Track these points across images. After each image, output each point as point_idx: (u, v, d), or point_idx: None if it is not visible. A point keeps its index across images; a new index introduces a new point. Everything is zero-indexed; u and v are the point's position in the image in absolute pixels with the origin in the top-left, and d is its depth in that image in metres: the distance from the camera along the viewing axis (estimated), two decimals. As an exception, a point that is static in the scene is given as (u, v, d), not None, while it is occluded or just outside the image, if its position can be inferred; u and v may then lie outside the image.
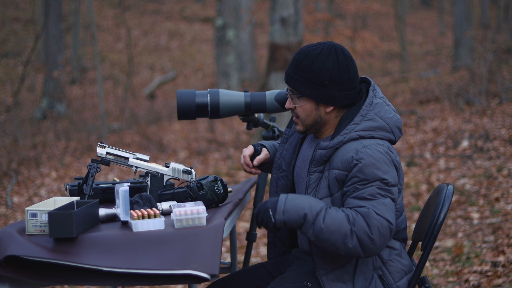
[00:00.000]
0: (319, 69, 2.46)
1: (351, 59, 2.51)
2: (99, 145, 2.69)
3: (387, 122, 2.49)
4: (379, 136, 2.46)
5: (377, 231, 2.32)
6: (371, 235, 2.32)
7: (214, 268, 2.23)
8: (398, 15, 19.00)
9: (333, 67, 2.46)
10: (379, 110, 2.49)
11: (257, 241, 5.79)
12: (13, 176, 8.88)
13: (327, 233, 2.32)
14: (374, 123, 2.47)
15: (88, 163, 2.69)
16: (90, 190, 2.65)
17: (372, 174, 2.37)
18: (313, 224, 2.33)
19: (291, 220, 2.35)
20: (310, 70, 2.47)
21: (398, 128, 2.52)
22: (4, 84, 16.59)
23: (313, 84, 2.47)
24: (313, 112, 2.51)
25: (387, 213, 2.35)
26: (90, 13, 12.97)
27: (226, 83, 12.09)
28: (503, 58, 11.86)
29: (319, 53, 2.48)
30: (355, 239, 2.32)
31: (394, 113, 2.54)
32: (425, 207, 2.75)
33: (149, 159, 2.73)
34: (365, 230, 2.32)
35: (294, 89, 2.51)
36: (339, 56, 2.48)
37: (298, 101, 2.52)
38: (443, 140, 8.28)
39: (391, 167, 2.40)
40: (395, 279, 2.46)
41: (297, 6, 8.79)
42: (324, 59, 2.46)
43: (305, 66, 2.48)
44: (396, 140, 2.53)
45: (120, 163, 2.71)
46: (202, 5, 25.79)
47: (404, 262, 2.50)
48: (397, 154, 2.50)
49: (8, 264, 2.29)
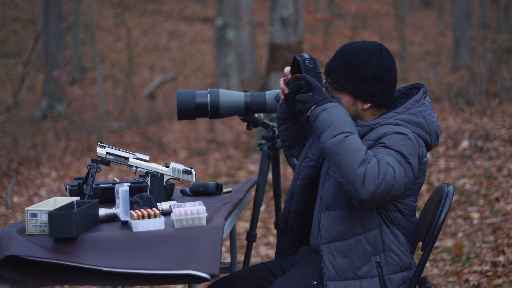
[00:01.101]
0: (363, 65, 2.49)
1: (394, 61, 2.55)
2: (99, 145, 2.69)
3: (428, 123, 2.50)
4: (417, 133, 2.47)
5: (383, 175, 2.31)
6: (378, 177, 2.30)
7: (214, 268, 2.23)
8: (398, 15, 19.00)
9: (376, 64, 2.49)
10: (424, 109, 2.51)
11: (257, 241, 5.79)
12: (13, 176, 8.88)
13: (342, 149, 2.30)
14: (416, 118, 2.49)
15: (88, 163, 2.69)
16: (90, 190, 2.65)
17: (397, 144, 2.39)
18: (335, 135, 2.33)
19: (321, 119, 2.37)
20: (354, 65, 2.50)
21: (437, 134, 2.53)
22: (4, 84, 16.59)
23: (355, 78, 2.50)
24: (350, 107, 2.53)
25: (398, 172, 2.34)
26: (90, 13, 12.97)
27: (226, 83, 12.09)
28: (503, 58, 11.86)
29: (365, 49, 2.51)
30: (363, 169, 2.29)
31: (436, 120, 2.55)
32: (425, 207, 2.75)
33: (149, 159, 2.73)
34: (374, 168, 2.30)
35: (334, 81, 2.53)
36: (383, 55, 2.51)
37: (336, 95, 2.53)
38: (443, 140, 8.28)
39: (415, 156, 2.41)
40: (389, 271, 2.46)
41: (297, 6, 8.79)
42: (369, 56, 2.50)
43: (349, 60, 2.51)
44: (432, 146, 2.53)
45: (120, 163, 2.71)
46: (202, 5, 25.79)
47: (405, 259, 2.50)
48: (427, 160, 2.51)
49: (8, 264, 2.29)
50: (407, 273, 2.51)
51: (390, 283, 2.46)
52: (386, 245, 2.47)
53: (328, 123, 2.36)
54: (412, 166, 2.40)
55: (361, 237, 2.45)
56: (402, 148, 2.39)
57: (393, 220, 2.49)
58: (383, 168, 2.32)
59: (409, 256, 2.53)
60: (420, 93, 2.54)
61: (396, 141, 2.40)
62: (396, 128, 2.43)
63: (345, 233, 2.45)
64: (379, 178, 2.30)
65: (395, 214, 2.49)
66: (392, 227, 2.49)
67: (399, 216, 2.50)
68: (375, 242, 2.46)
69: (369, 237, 2.46)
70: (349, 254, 2.44)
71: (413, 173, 2.41)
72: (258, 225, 5.84)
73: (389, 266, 2.47)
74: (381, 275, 2.45)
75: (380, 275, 2.45)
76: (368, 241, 2.45)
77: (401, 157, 2.38)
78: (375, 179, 2.30)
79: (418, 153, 2.43)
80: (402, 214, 2.50)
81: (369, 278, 2.44)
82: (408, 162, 2.39)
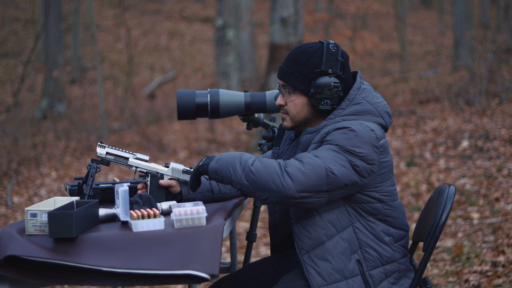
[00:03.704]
0: (315, 65, 2.50)
1: (347, 59, 2.55)
2: (99, 145, 2.68)
3: (375, 106, 2.51)
4: (367, 120, 2.47)
5: (311, 168, 2.33)
6: (303, 169, 2.33)
7: (214, 268, 2.23)
8: (398, 15, 18.99)
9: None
10: (366, 95, 2.52)
11: (257, 241, 5.79)
12: (13, 176, 8.88)
13: (256, 173, 2.34)
14: (361, 107, 2.50)
15: (88, 163, 2.69)
16: (90, 190, 2.65)
17: (337, 139, 2.40)
18: (243, 166, 2.37)
19: (222, 166, 2.40)
20: (305, 65, 2.51)
21: (387, 113, 2.53)
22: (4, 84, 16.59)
23: (308, 79, 2.51)
24: (304, 108, 2.55)
25: (330, 163, 2.36)
26: (90, 13, 12.97)
27: (226, 83, 12.08)
28: (503, 58, 11.86)
29: (317, 50, 2.52)
30: (286, 176, 2.32)
31: (382, 99, 2.56)
32: (426, 207, 2.74)
33: (149, 159, 2.73)
34: (297, 167, 2.34)
35: (287, 83, 2.55)
36: (336, 54, 2.52)
37: (289, 97, 2.56)
38: (443, 140, 8.28)
39: (368, 143, 2.40)
40: (368, 267, 2.45)
41: (297, 6, 8.79)
42: (321, 56, 2.50)
43: (301, 61, 2.52)
44: (387, 125, 2.53)
45: (120, 163, 2.71)
46: (202, 5, 25.79)
47: (384, 253, 2.47)
48: (386, 140, 2.50)
49: (8, 264, 2.29)
50: (389, 266, 2.48)
51: (371, 278, 2.45)
52: (362, 241, 2.46)
53: (228, 167, 2.39)
54: (358, 155, 2.38)
55: (336, 238, 2.44)
56: (343, 142, 2.39)
57: (372, 211, 2.46)
58: (307, 161, 2.34)
59: (392, 249, 2.49)
60: (358, 80, 2.55)
61: (336, 137, 2.40)
62: (337, 124, 2.44)
63: (320, 238, 2.45)
64: (305, 169, 2.32)
65: (372, 205, 2.46)
66: (372, 219, 2.46)
67: (378, 205, 2.47)
68: (351, 240, 2.45)
69: (345, 236, 2.45)
70: (329, 257, 2.44)
71: (365, 161, 2.39)
72: (258, 225, 5.84)
73: (368, 262, 2.46)
74: (362, 272, 2.45)
75: (361, 272, 2.45)
76: (344, 240, 2.44)
77: (342, 150, 2.38)
78: (302, 169, 2.32)
79: (369, 140, 2.40)
80: (381, 202, 2.47)
81: (354, 277, 2.44)
82: (351, 153, 2.38)
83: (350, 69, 2.58)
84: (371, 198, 2.45)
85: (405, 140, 8.91)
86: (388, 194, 2.48)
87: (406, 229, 2.56)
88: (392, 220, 2.50)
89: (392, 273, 2.48)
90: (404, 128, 9.73)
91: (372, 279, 2.45)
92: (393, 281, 2.49)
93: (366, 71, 17.62)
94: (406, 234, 2.56)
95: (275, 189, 2.33)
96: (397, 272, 2.50)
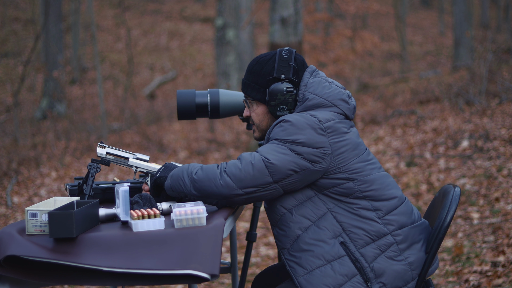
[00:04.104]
0: (268, 73, 2.58)
1: (302, 63, 2.61)
2: (99, 145, 2.68)
3: (325, 97, 2.53)
4: (317, 112, 2.50)
5: (248, 162, 2.41)
6: (240, 165, 2.42)
7: (214, 268, 2.23)
8: (398, 15, 19.00)
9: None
10: (315, 88, 2.56)
11: (257, 241, 5.79)
12: (13, 176, 8.88)
13: (199, 181, 2.44)
14: (309, 102, 2.54)
15: (88, 163, 2.69)
16: (90, 190, 2.65)
17: (274, 135, 2.47)
18: (190, 178, 2.46)
19: (174, 182, 2.50)
20: (259, 74, 2.59)
21: (342, 100, 2.55)
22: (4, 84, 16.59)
23: (263, 88, 2.59)
24: (265, 116, 2.63)
25: (267, 153, 2.42)
26: (90, 13, 12.97)
27: (226, 83, 12.08)
28: (503, 58, 11.85)
29: (270, 58, 2.60)
30: (225, 175, 2.42)
31: (336, 87, 2.58)
32: (430, 208, 2.72)
33: (149, 159, 2.74)
34: (235, 164, 2.43)
35: (247, 94, 2.65)
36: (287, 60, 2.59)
37: (252, 107, 2.65)
38: (443, 140, 8.28)
39: (307, 128, 2.43)
40: (356, 246, 2.45)
41: (297, 6, 8.79)
42: (273, 64, 2.58)
43: (255, 71, 2.61)
44: (346, 112, 2.55)
45: (120, 163, 2.71)
46: (202, 5, 25.79)
47: (371, 229, 2.46)
48: (333, 124, 2.49)
49: (8, 264, 2.29)
50: (382, 241, 2.46)
51: (363, 257, 2.45)
52: (345, 223, 2.46)
53: (179, 182, 2.49)
54: (298, 142, 2.42)
55: (312, 228, 2.47)
56: (279, 134, 2.45)
57: (347, 191, 2.47)
58: (245, 157, 2.42)
59: (381, 222, 2.47)
60: (306, 75, 2.59)
61: (274, 132, 2.48)
62: (276, 121, 2.51)
63: (294, 232, 2.48)
64: (242, 165, 2.40)
65: (344, 185, 2.46)
66: (349, 199, 2.46)
67: (350, 184, 2.47)
68: (330, 226, 2.46)
69: (322, 224, 2.46)
70: (307, 247, 2.46)
71: (308, 146, 2.42)
72: (258, 225, 5.84)
73: (356, 241, 2.45)
74: (350, 252, 2.44)
75: (348, 252, 2.44)
76: (321, 227, 2.46)
77: (280, 142, 2.44)
78: (239, 166, 2.41)
79: (308, 125, 2.43)
80: (351, 180, 2.47)
81: (339, 259, 2.44)
82: (290, 142, 2.43)
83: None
84: (339, 179, 2.46)
85: (405, 140, 8.92)
86: (357, 170, 2.48)
87: (394, 198, 2.52)
88: (373, 193, 2.48)
89: (388, 246, 2.46)
90: (404, 128, 9.73)
91: (364, 257, 2.44)
92: (393, 255, 2.46)
93: (366, 71, 17.63)
94: (397, 204, 2.52)
95: (217, 192, 2.43)
96: (395, 245, 2.47)
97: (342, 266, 2.43)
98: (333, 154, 2.45)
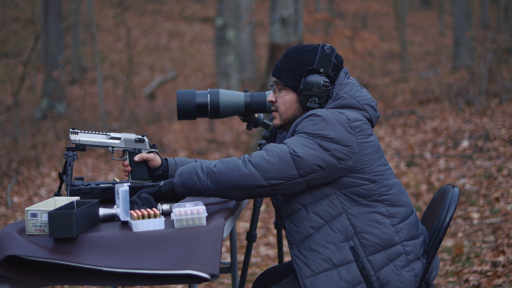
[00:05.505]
0: (308, 63, 2.56)
1: (341, 62, 2.61)
2: (71, 132, 2.69)
3: (357, 100, 2.54)
4: (347, 112, 2.49)
5: (275, 154, 2.38)
6: (267, 156, 2.38)
7: (214, 268, 2.23)
8: (398, 15, 19.00)
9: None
10: (349, 88, 2.56)
11: (257, 241, 5.79)
12: (13, 176, 8.88)
13: (220, 173, 2.40)
14: (343, 101, 2.53)
15: (64, 153, 2.68)
16: (71, 180, 2.65)
17: (303, 128, 2.44)
18: (206, 172, 2.42)
19: (185, 179, 2.45)
20: (298, 63, 2.57)
21: (371, 106, 2.56)
22: (4, 84, 16.60)
23: (299, 76, 2.56)
24: (293, 104, 2.60)
25: (295, 146, 2.40)
26: (90, 13, 12.97)
27: (226, 83, 12.08)
28: (503, 58, 11.86)
29: (311, 50, 2.59)
30: (250, 165, 2.38)
31: (367, 93, 2.59)
32: (429, 208, 2.72)
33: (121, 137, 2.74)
34: (261, 155, 2.39)
35: (279, 79, 2.60)
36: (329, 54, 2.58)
37: (280, 93, 2.62)
38: (443, 140, 8.28)
39: (337, 125, 2.42)
40: (366, 253, 2.43)
41: (297, 6, 8.79)
42: (315, 55, 2.56)
43: (294, 58, 2.58)
44: (372, 118, 2.56)
45: (95, 145, 2.72)
46: (202, 5, 25.80)
47: (383, 236, 2.44)
48: (365, 125, 2.49)
49: (8, 264, 2.29)
50: (392, 250, 2.44)
51: (371, 264, 2.43)
52: (358, 227, 2.44)
53: (192, 178, 2.45)
54: (327, 138, 2.41)
55: (325, 228, 2.45)
56: (309, 128, 2.43)
57: (367, 193, 2.45)
58: (271, 149, 2.39)
59: (394, 230, 2.46)
60: (341, 76, 2.59)
61: (303, 125, 2.45)
62: (305, 115, 2.48)
63: (306, 230, 2.47)
64: (269, 156, 2.37)
65: (365, 187, 2.45)
66: (367, 202, 2.45)
67: (371, 186, 2.45)
68: (343, 228, 2.44)
69: (335, 225, 2.44)
70: (317, 247, 2.45)
71: (337, 143, 2.41)
72: (258, 225, 5.84)
73: (366, 248, 2.43)
74: (358, 259, 2.43)
75: (356, 259, 2.43)
76: (334, 229, 2.44)
77: (309, 135, 2.42)
78: (265, 157, 2.37)
79: (338, 122, 2.42)
80: (374, 182, 2.46)
81: (346, 265, 2.42)
82: (320, 137, 2.41)
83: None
84: (362, 180, 2.45)
85: (405, 140, 8.92)
86: (379, 173, 2.47)
87: (407, 205, 2.52)
88: (391, 197, 2.48)
89: (397, 256, 2.44)
90: (404, 128, 9.73)
91: (371, 265, 2.43)
92: (401, 264, 2.44)
93: (366, 71, 17.63)
94: (410, 213, 2.52)
95: (240, 182, 2.38)
96: (404, 255, 2.45)
97: (348, 272, 2.41)
98: (360, 154, 2.44)
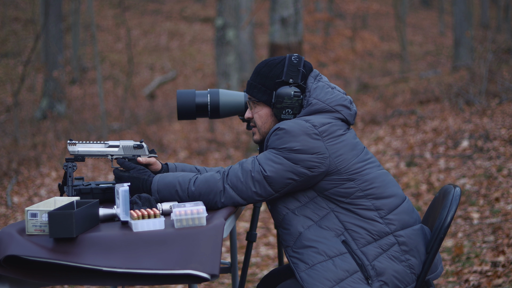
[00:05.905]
0: (276, 76, 2.60)
1: (310, 70, 2.63)
2: (69, 143, 2.72)
3: (327, 103, 2.56)
4: (316, 118, 2.52)
5: (248, 175, 2.48)
6: (242, 178, 2.48)
7: (214, 268, 2.23)
8: (398, 15, 19.00)
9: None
10: (318, 93, 2.58)
11: (257, 241, 5.79)
12: (13, 176, 8.88)
13: (199, 196, 2.53)
14: (312, 107, 2.56)
15: (63, 164, 2.69)
16: (71, 191, 2.66)
17: (271, 144, 2.51)
18: (187, 192, 2.54)
19: (163, 188, 2.57)
20: (267, 77, 2.61)
21: (343, 105, 2.58)
22: (4, 84, 16.60)
23: (270, 90, 2.60)
24: (269, 118, 2.64)
25: (265, 164, 2.47)
26: (90, 13, 12.97)
27: (226, 83, 12.08)
28: (503, 58, 11.85)
29: (279, 62, 2.62)
30: (228, 188, 2.50)
31: (338, 93, 2.60)
32: (430, 208, 2.71)
33: (119, 144, 2.74)
34: (237, 175, 2.50)
35: (251, 95, 2.66)
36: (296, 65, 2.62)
37: (255, 109, 2.66)
38: (443, 140, 8.28)
39: (301, 135, 2.46)
40: (358, 245, 2.47)
41: (297, 6, 8.79)
42: (282, 67, 2.60)
43: (263, 73, 2.63)
44: (347, 118, 2.58)
45: (94, 155, 2.72)
46: (202, 5, 25.80)
47: (373, 229, 2.48)
48: (329, 127, 2.51)
49: (8, 264, 2.29)
50: (384, 240, 2.48)
51: (365, 255, 2.46)
52: (347, 223, 2.48)
53: (168, 189, 2.57)
54: (294, 150, 2.45)
55: (314, 227, 2.50)
56: (275, 143, 2.49)
57: (348, 191, 2.48)
58: (245, 169, 2.49)
59: (383, 222, 2.49)
60: (310, 80, 2.61)
61: (270, 141, 2.51)
62: (273, 129, 2.53)
63: (297, 230, 2.51)
64: (244, 178, 2.48)
65: (344, 185, 2.48)
66: (350, 200, 2.48)
67: (351, 184, 2.49)
68: (332, 226, 2.48)
69: (324, 224, 2.49)
70: (309, 243, 2.49)
71: (304, 153, 2.45)
72: (258, 225, 5.84)
73: (357, 240, 2.47)
74: (351, 251, 2.46)
75: (350, 250, 2.47)
76: (323, 227, 2.49)
77: (277, 150, 2.48)
78: (240, 184, 2.49)
79: (302, 131, 2.46)
80: (352, 180, 2.49)
81: (341, 255, 2.46)
82: (286, 150, 2.46)
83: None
84: (340, 181, 2.48)
85: (405, 140, 8.92)
86: (358, 170, 2.50)
87: (394, 195, 2.54)
88: (373, 191, 2.50)
89: (390, 246, 2.48)
90: (404, 128, 9.73)
91: (365, 255, 2.46)
92: (395, 255, 2.47)
93: (366, 71, 17.63)
94: (398, 202, 2.54)
95: (220, 206, 2.54)
96: (397, 245, 2.48)
97: (343, 262, 2.45)
98: (332, 157, 2.47)
